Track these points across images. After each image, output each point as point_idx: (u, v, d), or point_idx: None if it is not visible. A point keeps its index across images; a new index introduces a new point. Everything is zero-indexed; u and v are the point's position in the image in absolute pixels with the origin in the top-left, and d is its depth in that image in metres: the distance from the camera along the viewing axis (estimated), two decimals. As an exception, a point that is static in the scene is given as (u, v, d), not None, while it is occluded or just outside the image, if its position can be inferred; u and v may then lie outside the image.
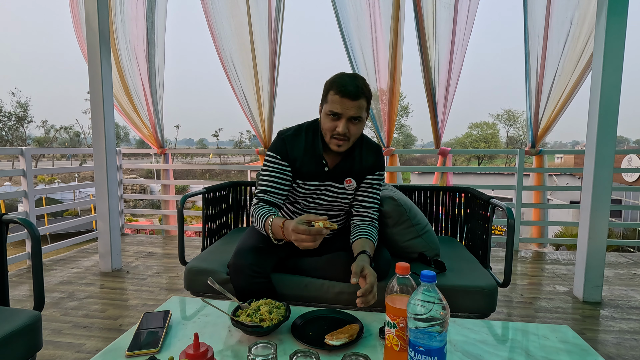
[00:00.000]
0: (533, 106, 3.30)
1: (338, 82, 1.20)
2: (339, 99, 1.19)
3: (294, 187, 1.38)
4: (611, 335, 1.89)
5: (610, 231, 7.63)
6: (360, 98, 1.19)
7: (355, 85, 1.18)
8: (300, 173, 1.34)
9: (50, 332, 1.87)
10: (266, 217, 1.21)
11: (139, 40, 3.58)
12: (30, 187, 2.87)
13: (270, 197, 1.32)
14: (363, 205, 1.39)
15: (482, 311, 1.35)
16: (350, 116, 1.21)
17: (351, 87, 1.18)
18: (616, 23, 2.08)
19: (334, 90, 1.20)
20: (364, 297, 1.04)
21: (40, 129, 40.27)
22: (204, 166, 4.35)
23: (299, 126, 1.39)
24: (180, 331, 1.01)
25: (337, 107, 1.20)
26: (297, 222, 1.07)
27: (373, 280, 1.07)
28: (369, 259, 1.19)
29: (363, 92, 1.20)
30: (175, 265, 2.92)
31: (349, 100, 1.18)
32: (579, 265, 2.33)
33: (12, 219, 1.28)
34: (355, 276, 1.07)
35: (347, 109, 1.19)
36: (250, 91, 3.52)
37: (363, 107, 1.22)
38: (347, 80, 1.19)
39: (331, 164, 1.36)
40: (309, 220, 1.08)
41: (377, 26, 3.23)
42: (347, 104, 1.19)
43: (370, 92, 1.25)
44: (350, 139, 1.26)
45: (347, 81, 1.19)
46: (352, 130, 1.23)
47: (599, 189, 2.21)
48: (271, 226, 1.18)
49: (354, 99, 1.18)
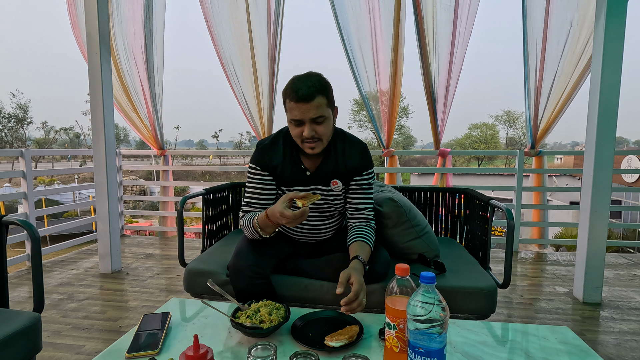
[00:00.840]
0: (532, 107, 3.30)
1: (290, 88, 1.17)
2: (295, 105, 1.17)
3: (280, 195, 1.37)
4: (611, 337, 1.89)
5: (610, 232, 7.62)
6: (316, 97, 1.16)
7: (307, 87, 1.15)
8: (284, 180, 1.34)
9: (50, 333, 1.87)
10: (252, 219, 1.28)
11: (136, 41, 3.58)
12: (30, 188, 2.87)
13: (254, 208, 1.34)
14: (356, 207, 1.38)
15: (482, 312, 1.35)
16: (311, 118, 1.18)
17: (303, 90, 1.15)
18: (615, 24, 2.08)
19: (289, 98, 1.18)
20: (348, 305, 1.03)
21: (40, 131, 40.33)
22: (203, 167, 4.34)
23: (277, 133, 1.37)
24: (180, 333, 1.01)
25: (296, 113, 1.18)
26: (281, 206, 1.13)
27: (358, 288, 1.05)
28: (361, 264, 1.18)
29: (317, 90, 1.16)
30: (175, 266, 2.92)
31: (304, 104, 1.16)
32: (579, 266, 2.33)
33: (12, 221, 1.28)
34: (340, 286, 1.06)
35: (305, 112, 1.17)
36: (249, 92, 3.53)
37: (322, 104, 1.18)
38: (298, 84, 1.16)
39: (312, 167, 1.34)
40: (290, 198, 1.15)
41: (377, 28, 3.23)
42: (304, 108, 1.16)
43: (326, 86, 1.20)
44: (323, 139, 1.23)
45: (298, 85, 1.16)
46: (320, 131, 1.21)
47: (599, 189, 2.21)
48: (258, 222, 1.25)
49: (309, 101, 1.15)
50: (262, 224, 1.25)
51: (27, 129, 33.56)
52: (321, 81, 1.19)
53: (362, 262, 1.19)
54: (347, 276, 1.09)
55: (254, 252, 1.31)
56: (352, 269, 1.14)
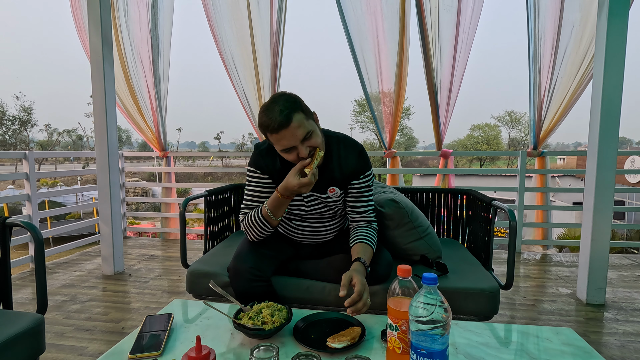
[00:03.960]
0: (536, 108, 3.30)
1: (265, 120, 1.13)
2: (277, 135, 1.13)
3: None
4: (615, 338, 1.87)
5: (613, 233, 7.58)
6: (293, 117, 1.11)
7: (279, 112, 1.11)
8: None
9: (53, 335, 1.87)
10: (257, 210, 1.29)
11: (142, 42, 3.59)
12: (33, 190, 2.89)
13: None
14: (357, 211, 1.36)
15: (485, 313, 1.34)
16: (300, 140, 1.14)
17: (278, 117, 1.10)
18: (617, 24, 2.08)
19: (268, 131, 1.14)
20: (353, 306, 1.03)
21: (44, 133, 40.59)
22: (205, 169, 4.36)
23: None
24: (182, 334, 1.01)
25: (284, 142, 1.14)
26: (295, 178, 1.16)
27: (361, 289, 1.05)
28: (362, 266, 1.18)
29: (290, 110, 1.12)
30: (178, 268, 2.92)
31: (285, 130, 1.11)
32: (582, 267, 2.31)
33: (16, 222, 1.29)
34: (343, 288, 1.05)
35: (291, 137, 1.13)
36: (252, 93, 3.54)
37: (301, 121, 1.13)
38: (269, 114, 1.12)
39: None
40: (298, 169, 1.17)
41: (379, 29, 3.24)
42: (288, 133, 1.12)
43: (295, 102, 1.15)
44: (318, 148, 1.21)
45: (270, 115, 1.12)
46: (313, 143, 1.17)
47: (602, 190, 2.20)
48: (267, 206, 1.25)
49: (288, 124, 1.11)
50: (272, 205, 1.24)
51: (30, 131, 33.77)
52: (288, 100, 1.15)
53: (364, 264, 1.19)
54: (349, 278, 1.09)
55: (254, 254, 1.31)
56: (354, 270, 1.13)
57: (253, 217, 1.30)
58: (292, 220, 1.44)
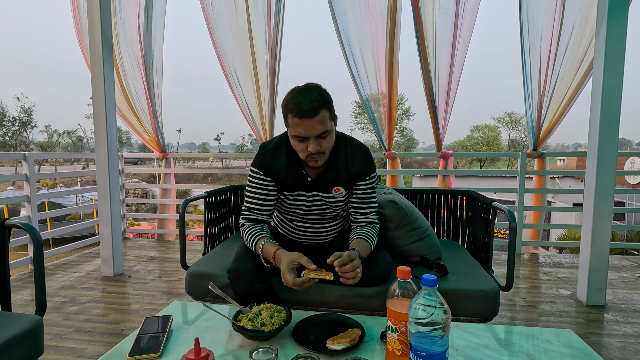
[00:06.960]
0: (535, 109, 3.30)
1: (292, 103, 1.13)
2: (299, 120, 1.13)
3: (282, 199, 1.36)
4: (615, 339, 1.87)
5: (613, 234, 7.57)
6: (320, 112, 1.12)
7: (310, 101, 1.11)
8: (286, 185, 1.32)
9: (52, 336, 1.87)
10: (256, 241, 1.27)
11: (138, 45, 3.60)
12: (33, 191, 2.88)
13: (255, 214, 1.34)
14: (360, 212, 1.37)
15: (485, 315, 1.34)
16: (317, 135, 1.15)
17: (307, 105, 1.11)
18: (616, 25, 2.08)
19: (292, 113, 1.13)
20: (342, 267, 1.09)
21: (44, 134, 40.62)
22: (205, 170, 4.36)
23: (280, 137, 1.34)
24: (181, 336, 1.01)
25: (301, 130, 1.14)
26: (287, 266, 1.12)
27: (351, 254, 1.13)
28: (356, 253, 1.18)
29: (320, 104, 1.13)
30: (177, 269, 2.92)
31: (308, 120, 1.12)
32: (582, 268, 2.31)
33: (15, 224, 1.28)
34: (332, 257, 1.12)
35: (310, 129, 1.14)
36: (251, 95, 3.54)
37: (326, 118, 1.15)
38: (300, 98, 1.12)
39: (314, 174, 1.32)
40: (300, 263, 1.13)
41: (378, 30, 3.24)
42: (309, 124, 1.13)
43: (328, 98, 1.16)
44: (325, 152, 1.22)
45: (300, 99, 1.12)
46: (324, 145, 1.19)
47: (602, 191, 2.20)
48: (262, 252, 1.25)
49: (313, 116, 1.12)
50: (266, 256, 1.24)
51: (30, 132, 33.80)
52: (322, 94, 1.15)
53: (357, 253, 1.20)
54: (338, 255, 1.13)
55: (254, 255, 1.31)
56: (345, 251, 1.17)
57: (250, 242, 1.29)
58: (293, 221, 1.44)
